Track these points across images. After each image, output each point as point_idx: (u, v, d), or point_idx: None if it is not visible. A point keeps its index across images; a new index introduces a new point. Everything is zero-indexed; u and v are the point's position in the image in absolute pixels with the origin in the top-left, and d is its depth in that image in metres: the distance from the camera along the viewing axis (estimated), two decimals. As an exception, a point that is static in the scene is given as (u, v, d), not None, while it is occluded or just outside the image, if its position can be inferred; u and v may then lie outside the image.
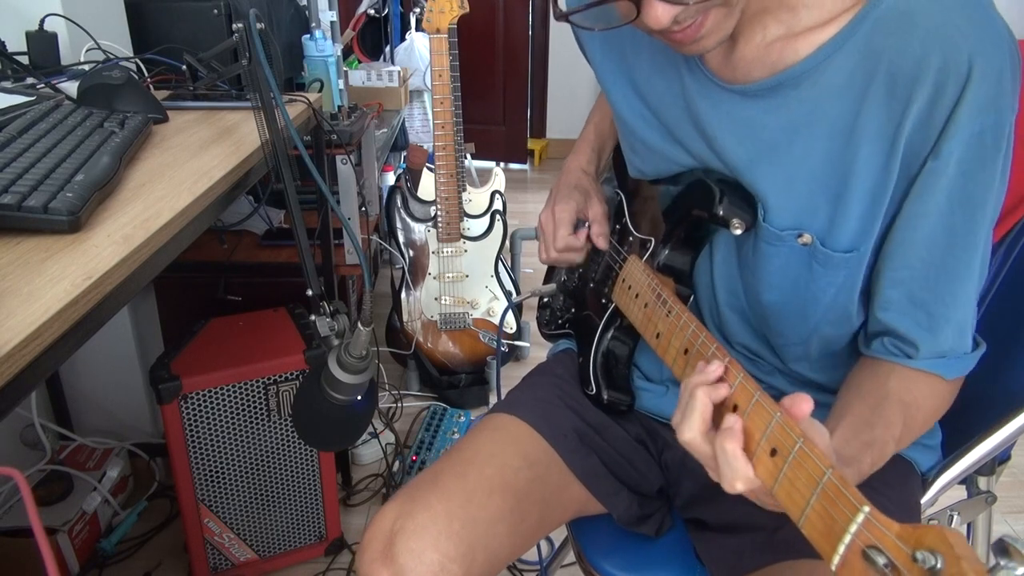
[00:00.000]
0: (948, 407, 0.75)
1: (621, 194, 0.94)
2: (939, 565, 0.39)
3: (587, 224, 0.95)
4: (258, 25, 0.87)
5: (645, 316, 0.78)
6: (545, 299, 1.09)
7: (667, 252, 0.82)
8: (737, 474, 0.55)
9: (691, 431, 0.59)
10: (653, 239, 0.84)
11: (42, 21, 1.17)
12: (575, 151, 1.03)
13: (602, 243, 0.93)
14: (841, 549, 0.46)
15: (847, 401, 0.72)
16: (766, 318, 0.81)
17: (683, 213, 0.80)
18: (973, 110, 0.62)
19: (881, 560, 0.43)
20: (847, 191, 0.69)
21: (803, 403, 0.54)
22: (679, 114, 0.80)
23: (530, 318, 2.36)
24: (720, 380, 0.60)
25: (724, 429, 0.57)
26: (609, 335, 0.89)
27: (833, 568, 0.47)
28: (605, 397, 0.89)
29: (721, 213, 0.74)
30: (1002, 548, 0.42)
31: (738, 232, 0.74)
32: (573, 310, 1.00)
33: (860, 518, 0.45)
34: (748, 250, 0.78)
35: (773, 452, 0.53)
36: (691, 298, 0.84)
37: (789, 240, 0.73)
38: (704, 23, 0.65)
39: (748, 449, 0.56)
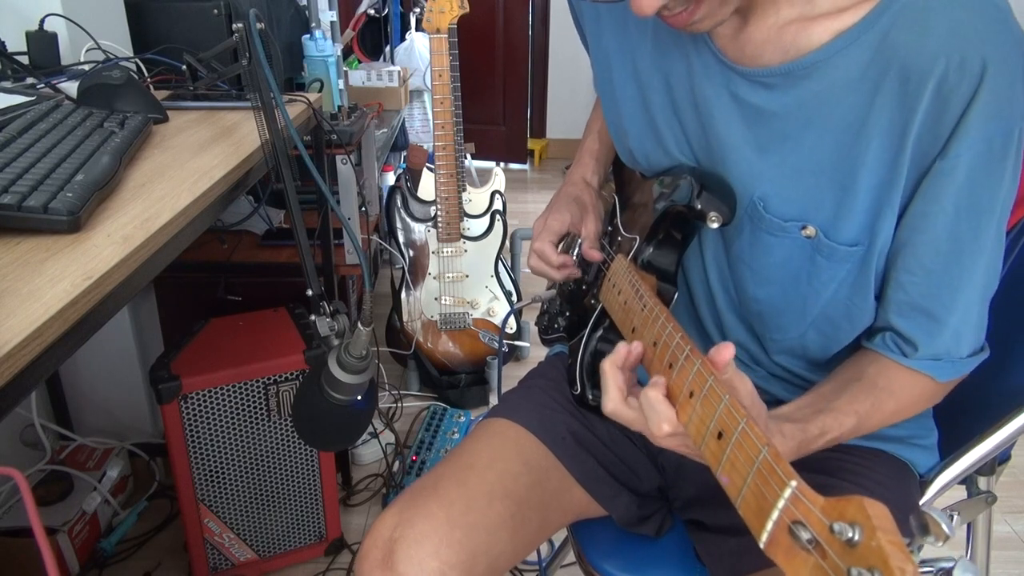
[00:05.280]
0: (932, 404, 0.76)
1: (616, 197, 0.94)
2: (856, 537, 0.39)
3: (578, 241, 0.94)
4: (258, 25, 0.87)
5: (624, 312, 0.78)
6: (544, 304, 1.08)
7: (651, 250, 0.81)
8: (661, 416, 0.59)
9: (611, 402, 0.64)
10: (638, 237, 0.84)
11: (42, 21, 1.17)
12: (577, 161, 1.02)
13: (595, 256, 0.92)
14: (769, 526, 0.45)
15: (821, 381, 0.74)
16: (761, 314, 0.81)
17: (664, 210, 0.80)
18: (985, 115, 0.62)
19: (805, 535, 0.42)
20: (854, 185, 0.68)
21: (724, 350, 0.57)
22: (684, 95, 0.78)
23: (530, 318, 2.36)
24: (630, 356, 0.66)
25: (648, 384, 0.61)
26: (597, 335, 0.88)
27: (761, 545, 0.46)
28: (590, 397, 0.89)
29: (699, 207, 0.73)
30: (921, 523, 0.42)
31: (715, 226, 0.73)
32: (568, 313, 1.01)
33: (787, 493, 0.44)
34: (744, 243, 0.77)
35: (720, 435, 0.53)
36: (675, 296, 0.83)
37: (792, 231, 0.72)
38: (696, 11, 0.64)
39: (699, 435, 0.56)
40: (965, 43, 0.61)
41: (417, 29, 3.20)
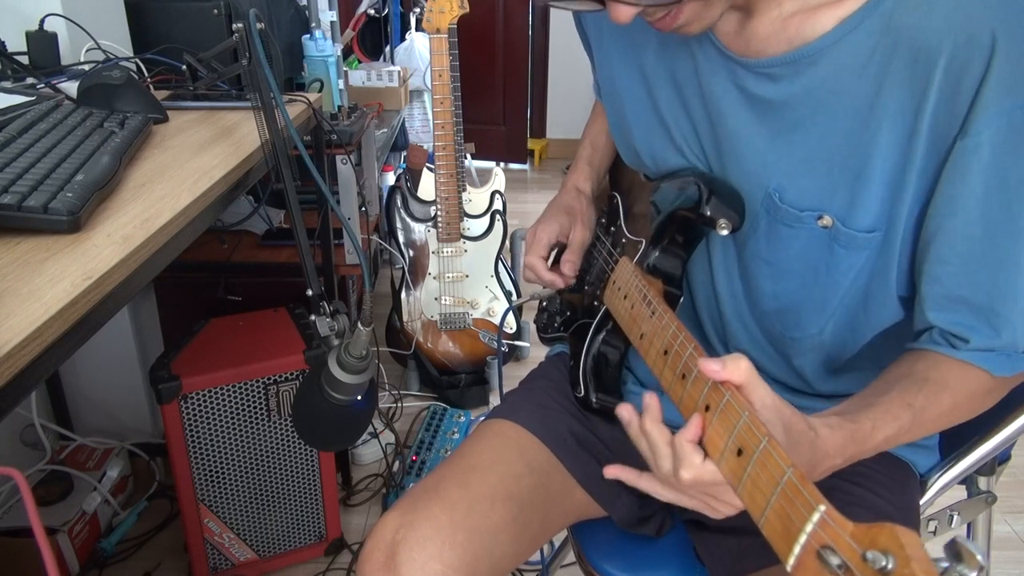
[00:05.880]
0: (990, 404, 0.71)
1: (617, 196, 0.94)
2: (890, 566, 0.38)
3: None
4: (258, 25, 0.87)
5: (631, 317, 0.78)
6: (543, 302, 1.08)
7: (656, 254, 0.81)
8: (722, 495, 0.56)
9: (693, 469, 0.57)
10: (643, 240, 0.84)
11: (42, 21, 1.17)
12: (573, 167, 1.03)
13: (567, 269, 0.93)
14: (796, 549, 0.45)
15: (868, 384, 0.69)
16: (780, 311, 0.79)
17: (671, 214, 0.79)
18: (1002, 88, 0.60)
19: (835, 561, 0.42)
20: (867, 171, 0.67)
21: (739, 360, 0.54)
22: (692, 91, 0.77)
23: (530, 318, 2.36)
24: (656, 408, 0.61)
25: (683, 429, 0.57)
26: (600, 337, 0.88)
27: (789, 569, 0.45)
28: (593, 399, 0.89)
29: (708, 213, 0.73)
30: (955, 551, 0.41)
31: (724, 232, 0.72)
32: (568, 313, 1.01)
33: (815, 517, 0.44)
34: (760, 238, 0.76)
35: (739, 452, 0.52)
36: (680, 300, 0.83)
37: (809, 222, 0.71)
38: (679, 15, 0.64)
39: (716, 450, 0.54)
40: (971, 18, 0.60)
41: (417, 29, 3.20)
